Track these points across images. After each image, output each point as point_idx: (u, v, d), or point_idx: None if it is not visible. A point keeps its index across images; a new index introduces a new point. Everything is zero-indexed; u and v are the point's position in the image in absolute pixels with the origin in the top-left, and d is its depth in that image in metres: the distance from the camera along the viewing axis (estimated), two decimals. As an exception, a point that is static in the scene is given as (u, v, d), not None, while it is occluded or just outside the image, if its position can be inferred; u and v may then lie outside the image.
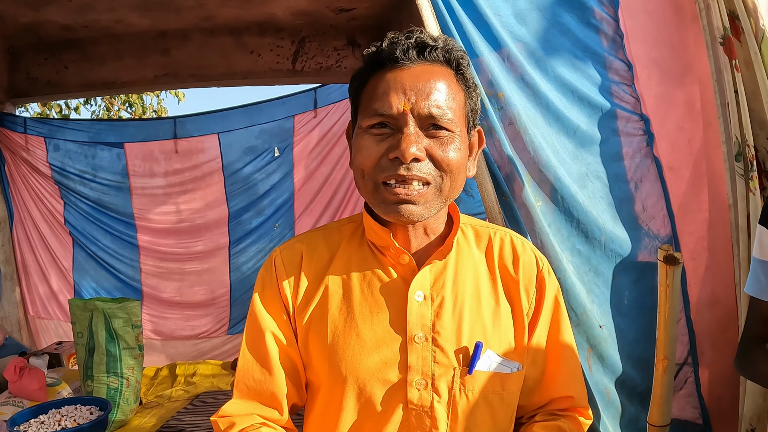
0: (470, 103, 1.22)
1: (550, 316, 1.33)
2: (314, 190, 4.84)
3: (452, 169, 1.16)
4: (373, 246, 1.29)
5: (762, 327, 1.46)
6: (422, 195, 1.15)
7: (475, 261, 1.31)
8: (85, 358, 2.64)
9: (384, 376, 1.21)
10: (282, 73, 4.29)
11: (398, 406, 1.21)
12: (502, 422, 1.27)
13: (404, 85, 1.14)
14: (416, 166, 1.13)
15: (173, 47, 4.17)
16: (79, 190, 4.61)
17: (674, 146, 2.08)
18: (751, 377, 1.50)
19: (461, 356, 1.22)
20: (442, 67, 1.19)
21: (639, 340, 2.02)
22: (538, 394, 1.34)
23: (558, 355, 1.33)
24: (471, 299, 1.26)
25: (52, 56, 4.18)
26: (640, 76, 2.06)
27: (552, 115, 1.96)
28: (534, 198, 1.90)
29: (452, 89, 1.18)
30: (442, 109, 1.14)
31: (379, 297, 1.25)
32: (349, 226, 1.36)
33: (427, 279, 1.25)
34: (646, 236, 2.03)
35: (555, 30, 1.99)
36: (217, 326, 4.87)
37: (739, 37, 1.94)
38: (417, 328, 1.22)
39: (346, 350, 1.22)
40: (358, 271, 1.28)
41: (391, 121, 1.15)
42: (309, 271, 1.30)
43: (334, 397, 1.24)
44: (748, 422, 1.96)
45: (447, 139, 1.16)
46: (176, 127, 4.64)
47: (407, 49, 1.17)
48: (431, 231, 1.29)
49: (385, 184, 1.16)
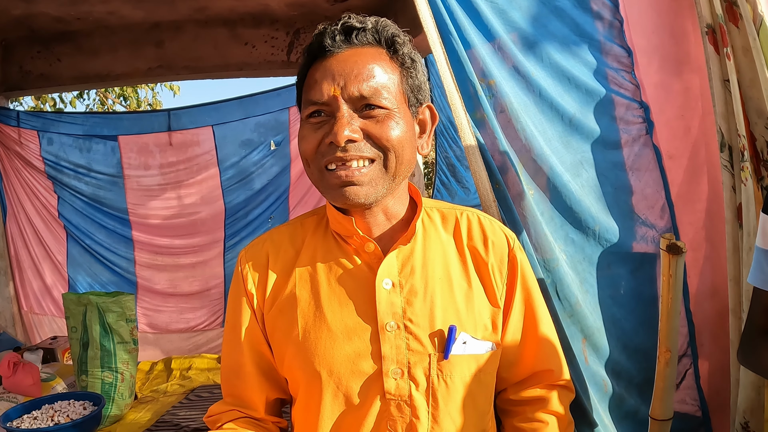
0: (409, 80, 1.22)
1: (524, 292, 1.34)
2: (309, 182, 4.81)
3: (393, 144, 1.17)
4: (338, 236, 1.30)
5: (766, 317, 1.44)
6: (364, 174, 1.17)
7: (443, 244, 1.31)
8: (79, 352, 2.62)
9: (358, 368, 1.21)
10: (277, 64, 4.27)
11: (376, 398, 1.20)
12: (481, 404, 1.27)
13: (333, 71, 1.17)
14: (353, 146, 1.15)
15: (167, 39, 4.15)
16: (73, 184, 4.59)
17: (674, 134, 2.06)
18: (754, 368, 1.48)
19: (436, 341, 1.22)
20: (371, 48, 1.20)
21: (636, 330, 2.01)
22: (517, 368, 1.36)
23: (535, 330, 1.35)
24: (441, 283, 1.26)
25: (45, 49, 4.15)
26: (640, 62, 2.03)
27: (545, 102, 1.94)
28: (527, 187, 1.88)
29: (384, 68, 1.19)
30: (372, 89, 1.16)
31: (347, 287, 1.25)
32: (311, 219, 1.36)
33: (394, 266, 1.25)
34: (644, 225, 2.01)
35: (551, 14, 1.97)
36: (212, 318, 4.86)
37: (737, 23, 1.91)
38: (388, 316, 1.21)
39: (317, 344, 1.22)
40: (324, 263, 1.28)
41: (325, 108, 1.18)
42: (275, 269, 1.31)
43: (313, 392, 1.23)
44: (741, 415, 1.95)
45: (383, 117, 1.17)
46: (170, 120, 4.63)
47: (333, 36, 1.19)
48: (391, 216, 1.29)
49: (328, 169, 1.18)
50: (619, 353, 1.97)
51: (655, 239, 2.00)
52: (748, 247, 1.84)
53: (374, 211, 1.26)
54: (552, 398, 1.34)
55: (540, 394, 1.35)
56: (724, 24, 1.91)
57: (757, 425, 1.91)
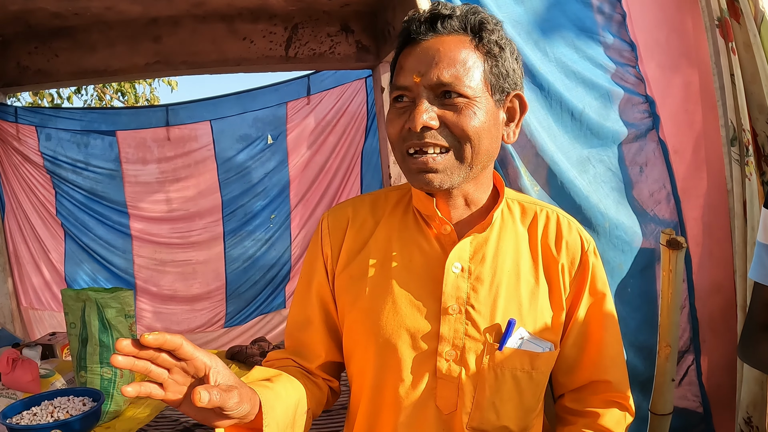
0: (495, 68, 1.21)
1: (593, 298, 1.33)
2: (310, 178, 4.82)
3: (469, 135, 1.17)
4: (418, 214, 1.33)
5: (766, 313, 1.44)
6: (439, 162, 1.18)
7: (517, 237, 1.31)
8: (78, 348, 2.61)
9: (415, 343, 1.24)
10: (275, 59, 4.25)
11: (426, 374, 1.23)
12: (529, 400, 1.28)
13: (417, 58, 1.18)
14: (430, 133, 1.16)
15: (165, 34, 4.13)
16: (71, 179, 4.58)
17: (679, 129, 2.05)
18: (755, 364, 1.47)
19: (494, 332, 1.23)
20: (456, 36, 1.20)
21: (642, 328, 2.00)
22: (576, 374, 1.36)
23: (599, 339, 1.34)
24: (510, 275, 1.27)
25: (43, 45, 4.13)
26: (643, 57, 2.02)
27: (550, 97, 1.93)
28: (530, 183, 1.87)
29: (466, 56, 1.18)
30: (452, 76, 1.16)
31: (418, 265, 1.28)
32: (395, 193, 1.40)
33: (466, 251, 1.27)
34: (653, 222, 2.00)
35: (554, 9, 1.96)
36: (215, 320, 4.86)
37: (738, 19, 1.91)
38: (452, 299, 1.24)
39: (381, 314, 1.26)
40: (400, 239, 1.31)
41: (408, 94, 1.20)
42: (352, 236, 1.35)
43: (368, 359, 1.28)
44: (744, 410, 1.95)
45: (462, 106, 1.16)
46: (168, 115, 4.63)
47: (420, 24, 1.20)
48: (471, 203, 1.30)
49: (408, 153, 1.20)
50: (625, 350, 1.97)
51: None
52: (752, 242, 1.84)
53: (454, 196, 1.28)
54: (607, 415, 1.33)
55: (595, 408, 1.34)
56: (728, 18, 1.91)
57: (760, 420, 1.91)
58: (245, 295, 4.91)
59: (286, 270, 4.94)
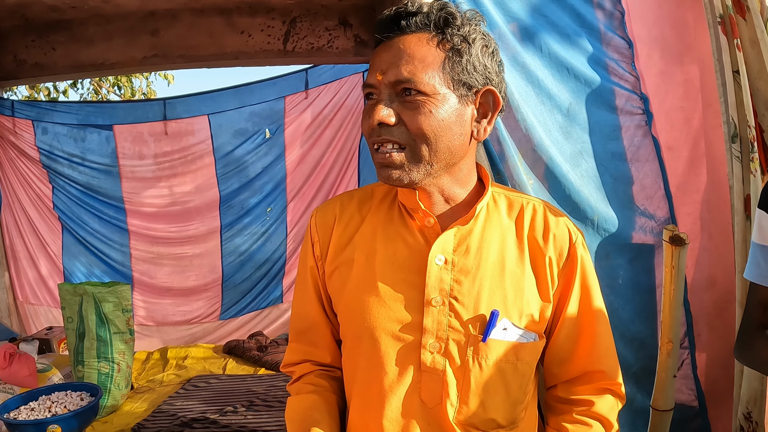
0: (458, 63, 1.21)
1: (582, 290, 1.33)
2: (306, 173, 4.81)
3: (425, 133, 1.18)
4: (403, 207, 1.34)
5: (762, 313, 1.44)
6: (396, 158, 1.21)
7: (503, 229, 1.31)
8: (75, 343, 2.61)
9: (399, 336, 1.25)
10: (273, 53, 4.23)
11: (410, 367, 1.24)
12: (515, 392, 1.28)
13: (380, 57, 1.22)
14: (386, 130, 1.20)
15: (162, 28, 4.11)
16: (68, 173, 4.57)
17: (673, 126, 2.05)
18: (751, 364, 1.48)
19: (477, 323, 1.24)
20: (418, 34, 1.21)
21: (633, 320, 2.01)
22: (569, 366, 1.36)
23: (593, 331, 1.34)
24: (494, 267, 1.27)
25: (40, 38, 4.12)
26: (640, 54, 2.03)
27: (544, 92, 1.93)
28: (526, 177, 1.88)
29: (425, 52, 1.19)
30: (410, 73, 1.17)
31: (402, 258, 1.29)
32: (382, 188, 1.42)
33: (449, 243, 1.27)
34: (643, 216, 2.01)
35: (551, 5, 1.96)
36: (210, 311, 4.86)
37: (744, 16, 1.91)
38: (435, 291, 1.24)
39: (365, 306, 1.28)
40: (385, 232, 1.33)
41: (374, 92, 1.23)
42: (339, 232, 1.37)
43: (354, 350, 1.31)
44: (744, 405, 1.95)
45: (418, 104, 1.18)
46: (166, 109, 4.61)
47: (384, 24, 1.24)
48: (449, 197, 1.31)
49: (375, 149, 1.24)
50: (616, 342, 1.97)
51: (654, 230, 2.00)
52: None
53: (430, 191, 1.29)
54: (600, 402, 1.34)
55: (588, 395, 1.35)
56: (733, 15, 1.91)
57: (759, 415, 1.92)
58: (241, 287, 4.91)
59: (281, 263, 4.94)
